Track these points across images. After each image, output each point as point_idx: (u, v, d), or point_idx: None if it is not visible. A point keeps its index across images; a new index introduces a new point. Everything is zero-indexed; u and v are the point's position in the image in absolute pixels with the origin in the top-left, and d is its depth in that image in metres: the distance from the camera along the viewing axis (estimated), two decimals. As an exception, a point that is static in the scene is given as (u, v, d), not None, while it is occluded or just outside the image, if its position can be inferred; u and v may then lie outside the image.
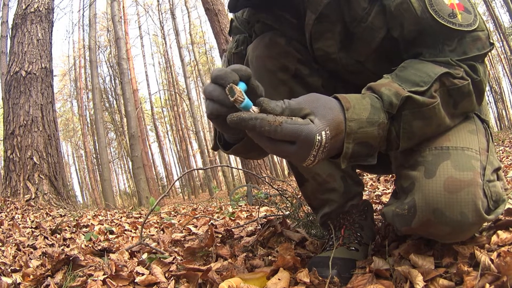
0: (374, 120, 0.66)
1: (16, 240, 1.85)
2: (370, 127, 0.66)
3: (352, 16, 0.84)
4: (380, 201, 1.92)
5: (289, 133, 0.59)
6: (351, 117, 0.64)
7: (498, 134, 11.22)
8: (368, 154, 0.69)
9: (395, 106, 0.67)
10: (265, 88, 0.97)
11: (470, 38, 0.74)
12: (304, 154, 0.61)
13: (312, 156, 0.62)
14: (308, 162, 0.63)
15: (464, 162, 0.69)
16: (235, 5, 0.93)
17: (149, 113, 24.63)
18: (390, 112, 0.68)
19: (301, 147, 0.60)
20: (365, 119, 0.65)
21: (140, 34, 23.93)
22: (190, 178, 24.05)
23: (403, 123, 0.69)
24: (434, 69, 0.71)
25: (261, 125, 0.58)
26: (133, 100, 10.67)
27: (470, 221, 0.67)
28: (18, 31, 5.09)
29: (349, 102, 0.66)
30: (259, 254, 1.08)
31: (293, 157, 0.63)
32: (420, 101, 0.68)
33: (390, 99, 0.67)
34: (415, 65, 0.74)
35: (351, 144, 0.65)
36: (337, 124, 0.63)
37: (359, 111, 0.65)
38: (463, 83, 0.72)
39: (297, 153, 0.61)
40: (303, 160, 0.63)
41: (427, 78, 0.70)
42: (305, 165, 0.64)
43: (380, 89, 0.69)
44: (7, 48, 7.44)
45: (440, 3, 0.74)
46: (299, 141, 0.60)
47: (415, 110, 0.68)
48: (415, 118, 0.69)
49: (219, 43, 5.19)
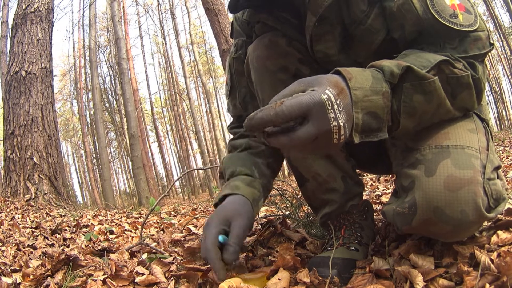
0: (378, 89, 0.66)
1: (16, 240, 1.85)
2: (375, 95, 0.65)
3: (352, 18, 0.84)
4: (380, 201, 1.92)
5: (294, 106, 0.56)
6: (354, 85, 0.63)
7: (498, 134, 11.22)
8: (378, 128, 0.67)
9: (396, 76, 0.67)
10: (265, 88, 0.98)
11: (471, 38, 0.74)
12: (324, 121, 0.57)
13: (333, 120, 0.58)
14: (335, 130, 0.58)
15: (464, 160, 0.69)
16: (236, 5, 0.93)
17: (149, 113, 24.62)
18: (391, 83, 0.67)
19: (316, 116, 0.57)
20: (368, 88, 0.65)
21: (140, 34, 23.93)
22: (190, 178, 24.04)
23: (404, 96, 0.68)
24: (434, 56, 0.72)
25: (266, 115, 0.57)
26: (133, 100, 10.67)
27: (471, 219, 0.67)
28: (18, 31, 5.09)
29: (350, 73, 0.65)
30: (259, 254, 1.08)
31: (320, 135, 0.58)
32: (420, 73, 0.67)
33: (391, 69, 0.67)
34: (416, 53, 0.74)
35: (360, 113, 0.63)
36: (335, 82, 0.62)
37: (361, 80, 0.65)
38: (463, 74, 0.72)
39: (318, 126, 0.57)
40: (328, 131, 0.58)
41: (427, 63, 0.70)
42: (337, 140, 0.59)
43: (381, 63, 0.70)
44: (7, 48, 7.44)
45: (442, 3, 0.75)
46: (309, 111, 0.57)
47: (415, 83, 0.68)
48: (416, 92, 0.68)
49: (219, 43, 5.19)
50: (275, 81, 0.94)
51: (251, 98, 1.08)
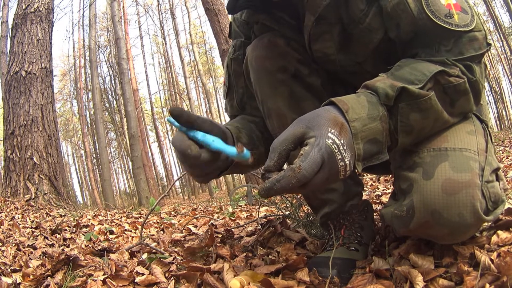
0: (375, 115, 0.66)
1: (16, 240, 1.85)
2: (373, 123, 0.66)
3: (350, 17, 0.84)
4: (380, 201, 1.92)
5: (313, 167, 0.58)
6: (352, 117, 0.64)
7: (498, 134, 11.22)
8: (379, 151, 0.68)
9: (391, 98, 0.67)
10: (264, 89, 0.97)
11: (466, 39, 0.74)
12: (333, 165, 0.60)
13: (340, 161, 0.60)
14: (342, 169, 0.61)
15: (462, 163, 0.69)
16: (234, 6, 0.93)
17: (149, 113, 24.61)
18: (387, 105, 0.68)
19: (327, 163, 0.60)
20: (366, 116, 0.65)
21: (140, 34, 23.90)
22: (190, 178, 23.96)
23: (400, 116, 0.69)
24: (429, 68, 0.71)
25: (288, 183, 0.58)
26: (133, 100, 10.67)
27: (468, 222, 0.67)
28: (18, 31, 5.09)
29: (346, 104, 0.66)
30: (259, 254, 1.08)
31: (330, 177, 0.61)
32: (415, 92, 0.68)
33: (385, 91, 0.68)
34: (410, 64, 0.74)
35: (361, 144, 0.65)
36: (333, 119, 0.62)
37: (358, 110, 0.65)
38: (459, 81, 0.72)
39: (330, 170, 0.60)
40: (337, 172, 0.61)
41: (422, 77, 0.70)
42: (343, 176, 0.63)
43: (375, 84, 0.70)
44: (7, 48, 7.44)
45: (437, 3, 0.74)
46: (323, 163, 0.59)
47: (411, 102, 0.68)
48: (412, 111, 0.69)
49: (219, 43, 5.18)
50: (274, 81, 0.94)
51: (249, 98, 1.08)
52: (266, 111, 0.98)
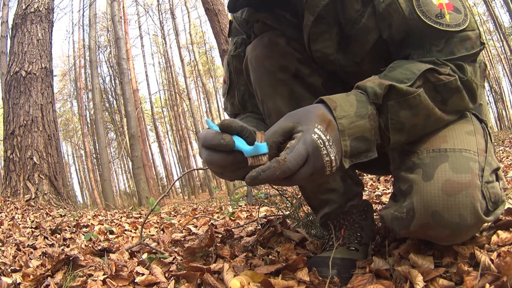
0: (363, 113, 0.67)
1: (16, 240, 1.85)
2: (361, 120, 0.67)
3: (346, 18, 0.84)
4: (380, 201, 1.92)
5: (298, 159, 0.60)
6: (339, 114, 0.65)
7: (498, 134, 11.22)
8: (367, 149, 0.69)
9: (380, 96, 0.68)
10: (264, 88, 0.97)
11: (458, 39, 0.73)
12: (318, 160, 0.61)
13: (325, 156, 0.62)
14: (327, 165, 0.63)
15: (462, 164, 0.69)
16: (235, 5, 0.93)
17: (149, 113, 24.61)
18: (376, 103, 0.69)
19: (312, 158, 0.61)
20: (353, 114, 0.66)
21: (140, 34, 23.90)
22: (190, 178, 24.03)
23: (390, 114, 0.69)
24: (418, 66, 0.72)
25: (272, 174, 0.59)
26: (133, 100, 10.67)
27: (469, 223, 0.66)
28: (18, 31, 5.09)
29: (335, 102, 0.67)
30: (259, 254, 1.08)
31: (315, 171, 0.63)
32: (403, 89, 0.69)
33: (374, 90, 0.69)
34: (403, 65, 0.74)
35: (348, 140, 0.65)
36: (321, 115, 0.64)
37: (346, 108, 0.66)
38: (450, 79, 0.72)
39: (315, 165, 0.61)
40: (322, 167, 0.63)
41: (411, 75, 0.70)
42: (329, 171, 0.64)
43: (365, 84, 0.71)
44: (7, 48, 7.44)
45: (428, 3, 0.74)
46: (308, 157, 0.61)
47: (400, 100, 0.69)
48: (402, 108, 0.69)
49: (219, 43, 5.18)
50: (275, 81, 0.94)
51: (250, 96, 1.08)
52: (266, 110, 0.98)
